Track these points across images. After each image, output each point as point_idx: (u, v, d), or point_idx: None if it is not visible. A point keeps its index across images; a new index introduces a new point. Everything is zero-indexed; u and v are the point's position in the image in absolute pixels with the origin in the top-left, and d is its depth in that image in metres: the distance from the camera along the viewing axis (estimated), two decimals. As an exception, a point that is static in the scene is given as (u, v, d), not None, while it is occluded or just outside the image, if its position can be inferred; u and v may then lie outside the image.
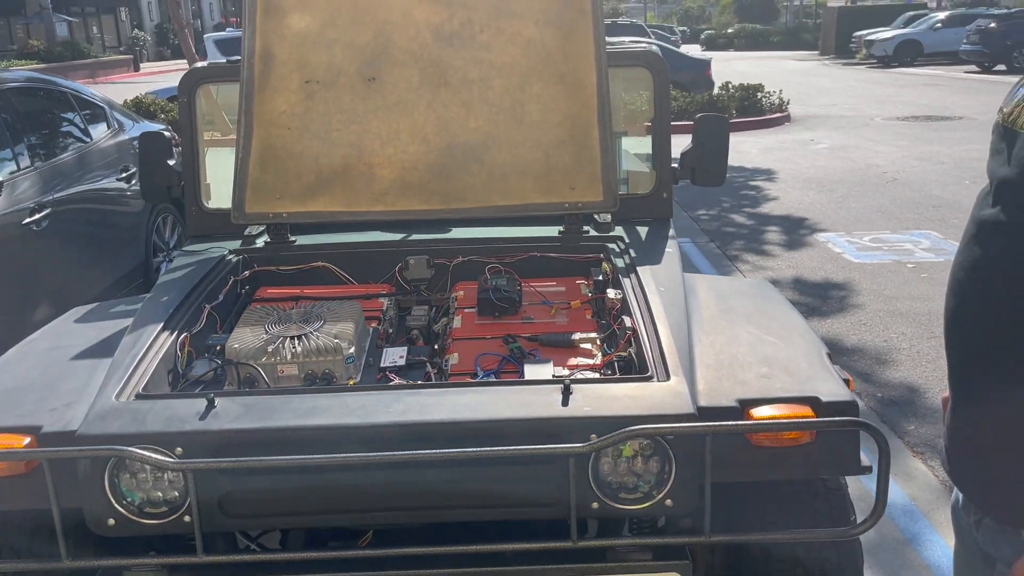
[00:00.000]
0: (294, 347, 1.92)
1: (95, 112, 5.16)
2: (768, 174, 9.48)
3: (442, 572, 1.64)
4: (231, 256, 2.48)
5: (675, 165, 2.78)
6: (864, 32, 29.52)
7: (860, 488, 2.76)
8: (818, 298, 5.26)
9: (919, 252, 6.18)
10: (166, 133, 2.97)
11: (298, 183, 2.49)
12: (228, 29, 22.21)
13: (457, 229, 2.62)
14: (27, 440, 1.66)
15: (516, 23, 2.58)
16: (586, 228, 2.56)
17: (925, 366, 4.19)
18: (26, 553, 1.77)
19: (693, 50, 40.09)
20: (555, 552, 1.64)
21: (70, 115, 4.93)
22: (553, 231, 2.56)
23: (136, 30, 36.51)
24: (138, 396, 1.75)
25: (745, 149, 11.34)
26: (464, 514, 1.64)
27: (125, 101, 12.82)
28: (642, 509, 1.61)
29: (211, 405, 1.66)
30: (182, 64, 17.41)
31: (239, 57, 2.55)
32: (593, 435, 1.55)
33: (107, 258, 4.66)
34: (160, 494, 1.64)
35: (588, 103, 2.50)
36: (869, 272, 5.73)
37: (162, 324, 2.02)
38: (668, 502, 1.59)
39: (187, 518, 1.59)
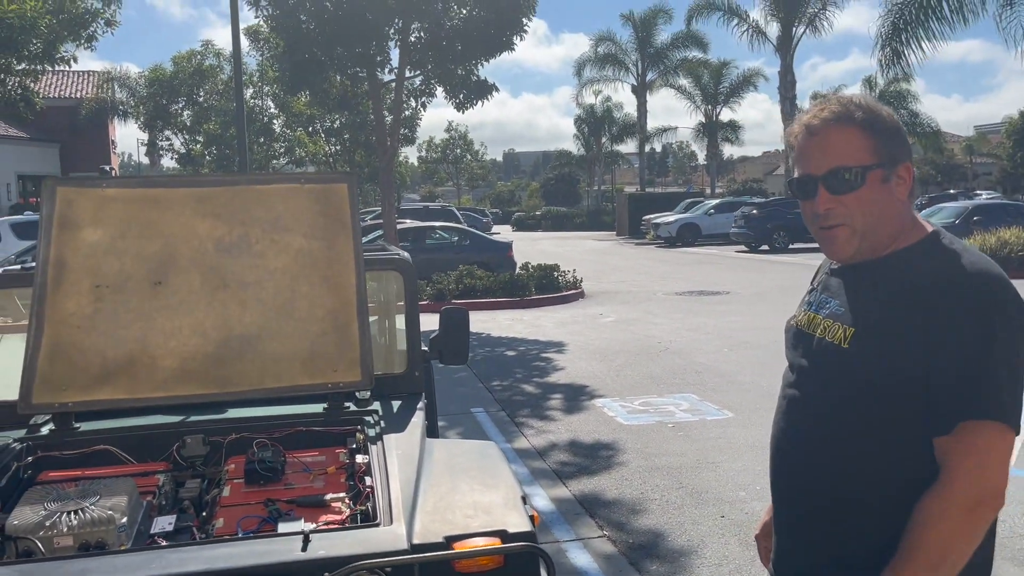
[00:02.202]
0: (70, 520, 2.18)
1: None
2: (559, 346, 10.40)
3: None
4: (15, 444, 2.70)
5: (426, 348, 3.32)
6: (651, 216, 32.99)
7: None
8: (588, 458, 5.89)
9: (679, 413, 7.05)
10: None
11: (84, 375, 2.79)
12: (27, 212, 21.57)
13: (233, 410, 2.98)
14: None
15: (287, 236, 3.11)
16: (348, 404, 3.00)
17: (672, 513, 4.83)
18: None
19: (505, 230, 42.85)
20: None
21: None
22: (319, 407, 2.98)
23: (-78, 211, 34.40)
24: (-85, 574, 1.95)
25: (542, 324, 12.35)
26: None
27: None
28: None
29: (-13, 576, 1.90)
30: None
31: (34, 264, 2.89)
32: (326, 573, 1.94)
33: None
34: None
35: (348, 300, 3.02)
36: (635, 432, 6.48)
37: (-57, 509, 2.23)
38: None
39: None
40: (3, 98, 15.65)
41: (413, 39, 14.01)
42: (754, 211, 26.62)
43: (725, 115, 42.26)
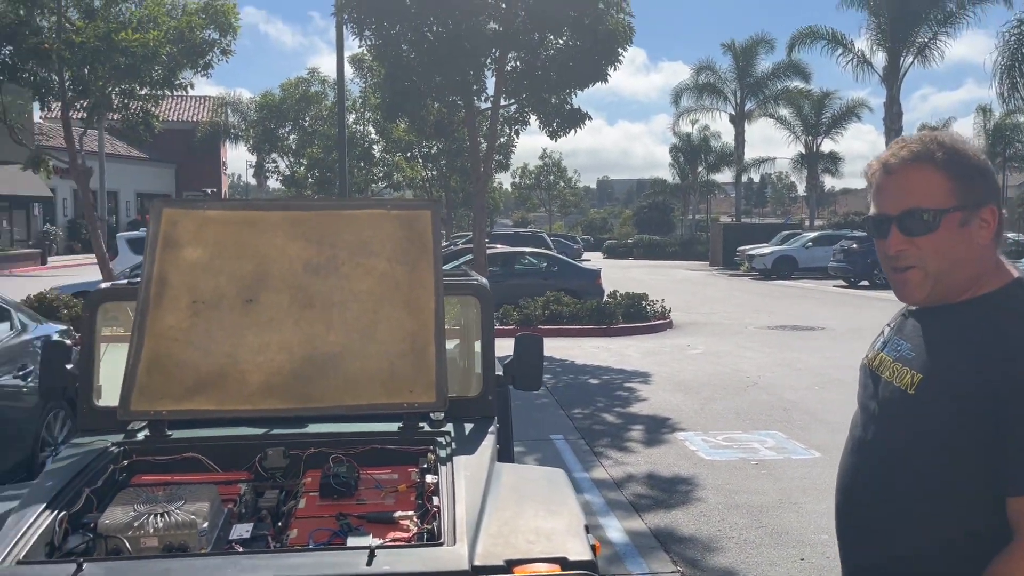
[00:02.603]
0: (156, 523, 2.32)
1: (1, 313, 5.54)
2: (643, 377, 10.30)
3: None
4: (113, 448, 2.89)
5: (500, 372, 3.38)
6: (746, 247, 32.36)
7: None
8: (666, 491, 5.82)
9: (764, 450, 6.88)
10: (67, 340, 3.42)
11: (179, 386, 2.96)
12: (142, 228, 22.88)
13: (313, 425, 3.10)
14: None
15: (372, 259, 3.24)
16: (422, 424, 3.08)
17: (749, 552, 4.72)
18: None
19: (596, 257, 42.75)
20: None
21: (-23, 316, 5.30)
22: (394, 426, 3.07)
23: (48, 225, 36.85)
24: (18, 563, 2.11)
25: (627, 353, 12.26)
26: None
27: (28, 296, 13.05)
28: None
29: (79, 569, 2.05)
30: (91, 258, 17.80)
31: (139, 279, 3.09)
32: (388, 589, 2.01)
33: (-5, 451, 4.88)
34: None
35: (427, 323, 3.11)
36: (716, 468, 6.36)
37: (44, 504, 2.40)
38: None
39: None
40: (126, 121, 16.69)
41: (509, 68, 14.26)
42: (854, 245, 25.75)
43: (826, 146, 41.17)
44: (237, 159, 58.48)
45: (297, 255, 3.20)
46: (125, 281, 3.50)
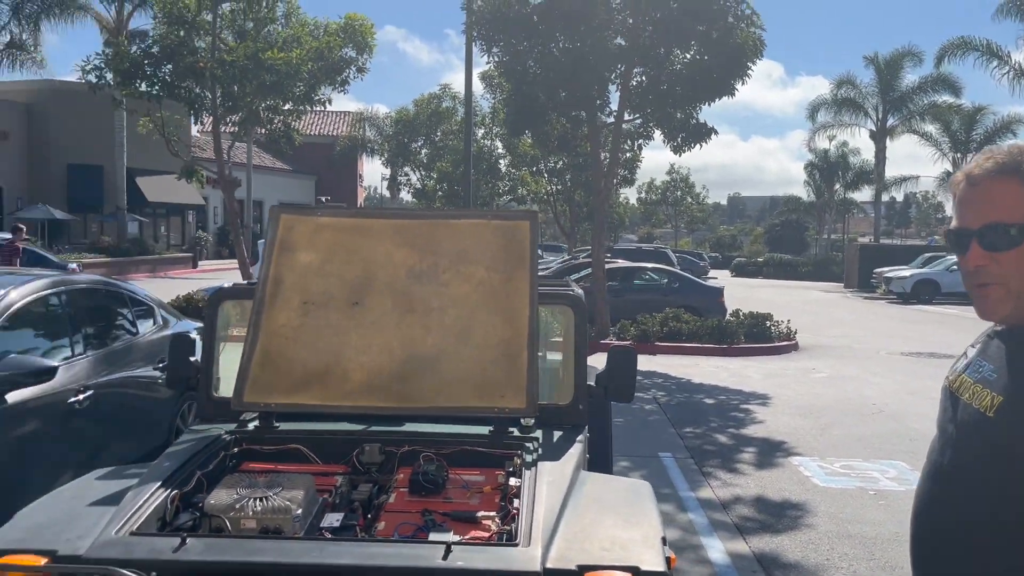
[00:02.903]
0: (255, 506, 2.49)
1: (145, 310, 6.02)
2: (762, 399, 10.00)
3: None
4: (225, 436, 3.10)
5: (591, 383, 3.40)
6: (884, 269, 30.81)
7: None
8: (774, 516, 5.64)
9: (884, 480, 6.55)
10: (193, 334, 3.70)
11: (287, 381, 3.15)
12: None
13: (410, 424, 3.23)
14: (45, 561, 2.22)
15: (471, 267, 3.34)
16: (512, 429, 3.14)
17: (857, 584, 4.52)
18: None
19: (723, 275, 41.76)
20: None
21: (124, 311, 5.78)
22: (485, 430, 3.15)
23: (200, 231, 39.47)
24: (131, 534, 2.32)
25: (747, 373, 11.94)
26: None
27: (178, 296, 14.04)
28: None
29: (183, 543, 2.23)
30: (236, 263, 18.95)
31: (256, 280, 3.32)
32: (461, 583, 2.09)
33: (133, 437, 5.30)
34: (136, 611, 2.17)
35: (521, 331, 3.18)
36: (830, 495, 6.10)
37: (160, 483, 2.62)
38: None
39: None
40: (270, 135, 17.73)
41: (634, 83, 14.23)
42: (1005, 270, 24.05)
43: (977, 164, 38.57)
44: (373, 172, 60.72)
45: (401, 261, 3.35)
46: (246, 283, 3.76)
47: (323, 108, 17.22)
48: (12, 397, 4.12)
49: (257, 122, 16.54)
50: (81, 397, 4.66)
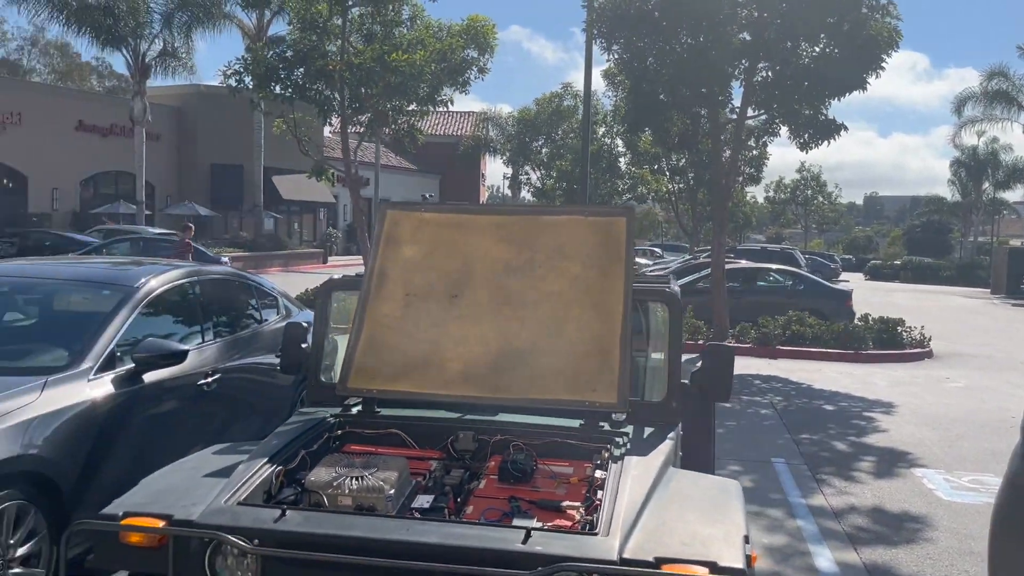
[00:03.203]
0: (351, 484, 2.64)
1: (270, 301, 6.38)
2: (887, 407, 9.55)
3: None
4: (330, 419, 3.28)
5: (686, 381, 3.38)
6: (1034, 274, 28.67)
7: None
8: (890, 527, 5.39)
9: (1017, 497, 6.14)
10: (306, 324, 3.91)
11: (389, 369, 3.30)
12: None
13: (503, 414, 3.31)
14: (162, 523, 2.43)
15: (567, 262, 3.39)
16: (603, 423, 3.17)
17: (976, 604, 4.28)
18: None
19: (855, 278, 39.93)
20: None
21: (251, 302, 6.14)
22: (575, 422, 3.19)
23: (331, 228, 41.16)
24: (239, 504, 2.50)
25: (873, 381, 11.42)
26: None
27: (307, 289, 14.73)
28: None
29: (283, 514, 2.39)
30: (362, 260, 19.69)
31: (362, 273, 3.49)
32: (539, 568, 2.15)
33: (256, 419, 5.63)
34: (240, 575, 2.34)
35: (614, 327, 3.21)
36: (955, 510, 5.78)
37: (267, 460, 2.81)
38: None
39: None
40: (394, 135, 18.32)
41: (758, 79, 13.84)
42: None
43: None
44: (496, 171, 61.52)
45: (499, 256, 3.44)
46: (354, 275, 3.94)
47: (446, 109, 17.63)
48: (148, 377, 4.48)
49: (383, 122, 17.11)
50: (210, 380, 5.00)
